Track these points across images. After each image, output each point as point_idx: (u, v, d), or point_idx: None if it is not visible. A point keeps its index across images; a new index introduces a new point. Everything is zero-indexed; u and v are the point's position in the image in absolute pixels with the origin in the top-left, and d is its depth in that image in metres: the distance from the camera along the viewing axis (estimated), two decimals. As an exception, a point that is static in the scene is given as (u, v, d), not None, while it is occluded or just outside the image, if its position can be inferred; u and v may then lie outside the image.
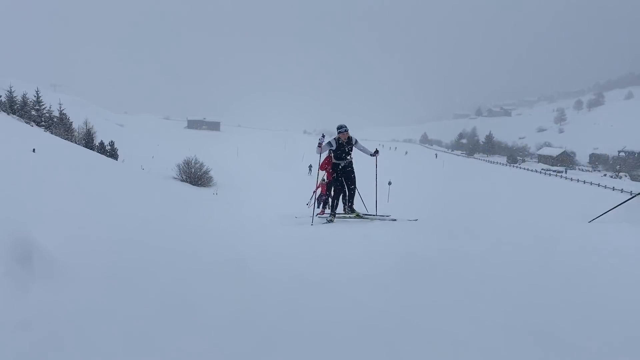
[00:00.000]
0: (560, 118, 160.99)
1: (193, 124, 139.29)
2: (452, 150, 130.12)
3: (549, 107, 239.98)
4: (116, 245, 5.46)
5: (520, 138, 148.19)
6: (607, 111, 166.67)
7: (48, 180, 8.72)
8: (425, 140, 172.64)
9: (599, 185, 57.11)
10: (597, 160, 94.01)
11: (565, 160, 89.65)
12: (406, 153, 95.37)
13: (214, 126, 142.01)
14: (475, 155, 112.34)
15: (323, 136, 9.18)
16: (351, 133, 9.50)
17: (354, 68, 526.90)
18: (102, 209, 7.59)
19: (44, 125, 30.98)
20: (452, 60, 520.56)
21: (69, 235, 5.15)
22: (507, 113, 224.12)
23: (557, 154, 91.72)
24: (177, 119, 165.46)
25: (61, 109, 34.75)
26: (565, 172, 71.81)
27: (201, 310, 3.82)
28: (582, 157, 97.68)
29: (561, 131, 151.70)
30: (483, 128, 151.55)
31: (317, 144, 9.15)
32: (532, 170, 73.95)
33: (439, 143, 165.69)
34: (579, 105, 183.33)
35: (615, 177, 68.48)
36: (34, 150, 11.19)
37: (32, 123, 27.97)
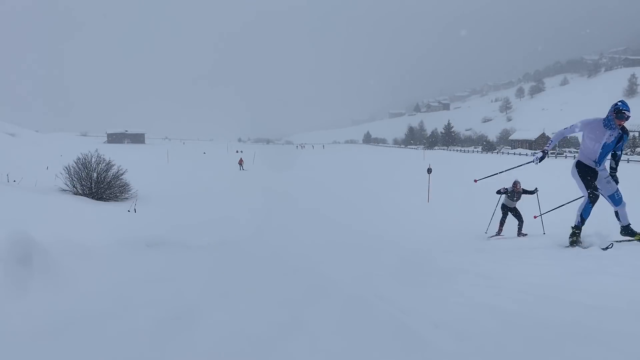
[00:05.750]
0: (506, 106, 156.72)
1: (114, 138, 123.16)
2: (405, 146, 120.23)
3: (482, 99, 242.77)
4: None
5: (466, 130, 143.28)
6: (548, 97, 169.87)
7: None
8: (368, 139, 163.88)
9: None
10: (567, 143, 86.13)
11: (546, 143, 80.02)
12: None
13: (138, 138, 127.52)
14: (435, 148, 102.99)
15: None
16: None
17: (282, 73, 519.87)
18: None
19: None
20: (378, 61, 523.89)
21: None
22: (445, 107, 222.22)
23: (536, 137, 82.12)
24: (95, 134, 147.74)
25: None
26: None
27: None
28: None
29: (509, 119, 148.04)
30: (427, 123, 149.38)
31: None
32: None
33: (383, 141, 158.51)
34: (520, 93, 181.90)
35: (631, 154, 58.48)
36: None
37: None
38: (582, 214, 7.52)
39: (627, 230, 7.51)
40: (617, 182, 7.51)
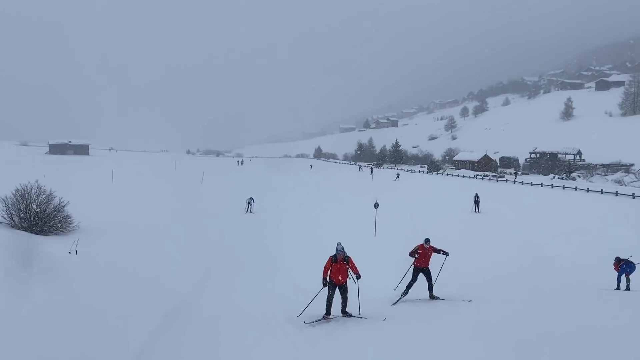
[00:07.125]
0: (451, 125, 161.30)
1: (56, 149, 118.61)
2: (355, 163, 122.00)
3: (429, 117, 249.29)
4: None
5: (413, 147, 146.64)
6: (491, 116, 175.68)
7: None
8: (319, 154, 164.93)
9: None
10: (508, 163, 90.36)
11: (488, 164, 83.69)
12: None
13: (82, 150, 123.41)
14: (384, 166, 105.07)
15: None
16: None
17: (233, 84, 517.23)
18: None
19: None
20: (329, 74, 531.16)
21: None
22: (394, 124, 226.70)
23: (478, 158, 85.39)
24: (37, 144, 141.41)
25: None
26: (516, 175, 63.99)
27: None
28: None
29: (454, 138, 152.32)
30: (376, 139, 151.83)
31: None
32: (489, 179, 64.86)
33: (334, 156, 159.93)
34: (464, 112, 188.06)
35: (566, 179, 61.89)
36: None
37: None
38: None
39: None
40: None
